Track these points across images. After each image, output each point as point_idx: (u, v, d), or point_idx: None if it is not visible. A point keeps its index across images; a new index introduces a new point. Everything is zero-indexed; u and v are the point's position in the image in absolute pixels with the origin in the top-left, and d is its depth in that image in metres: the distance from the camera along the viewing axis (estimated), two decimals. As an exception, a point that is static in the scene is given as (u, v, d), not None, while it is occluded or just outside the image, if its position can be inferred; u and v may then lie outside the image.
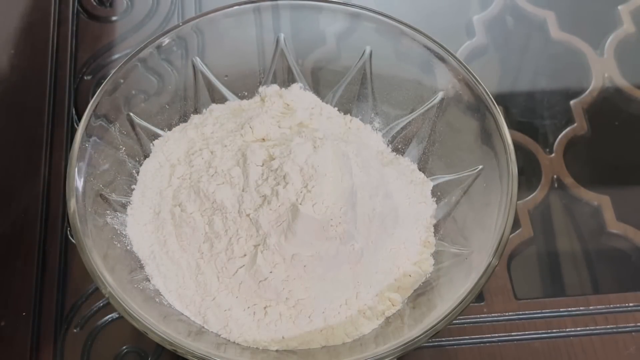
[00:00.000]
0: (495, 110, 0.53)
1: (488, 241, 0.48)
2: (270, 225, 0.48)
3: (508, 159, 0.51)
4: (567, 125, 0.67)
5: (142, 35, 0.70)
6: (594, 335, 0.56)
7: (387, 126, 0.60)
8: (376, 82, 0.60)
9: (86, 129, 0.51)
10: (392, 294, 0.52)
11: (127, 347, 0.55)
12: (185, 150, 0.56)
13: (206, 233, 0.51)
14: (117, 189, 0.54)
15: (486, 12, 0.74)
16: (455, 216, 0.55)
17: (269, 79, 0.61)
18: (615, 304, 0.57)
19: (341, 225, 0.49)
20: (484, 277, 0.46)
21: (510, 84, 0.71)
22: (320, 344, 0.50)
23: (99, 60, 0.69)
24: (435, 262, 0.53)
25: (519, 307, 0.57)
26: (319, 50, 0.64)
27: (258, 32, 0.61)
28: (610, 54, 0.71)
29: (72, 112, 0.66)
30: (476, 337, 0.56)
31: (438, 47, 0.56)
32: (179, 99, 0.59)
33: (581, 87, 0.69)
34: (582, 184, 0.63)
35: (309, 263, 0.49)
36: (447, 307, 0.46)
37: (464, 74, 0.55)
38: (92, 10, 0.72)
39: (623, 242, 0.61)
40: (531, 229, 0.61)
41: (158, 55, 0.56)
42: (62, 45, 0.70)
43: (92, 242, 0.47)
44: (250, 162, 0.51)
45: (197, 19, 0.57)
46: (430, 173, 0.58)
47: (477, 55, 0.71)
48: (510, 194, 0.49)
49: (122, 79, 0.54)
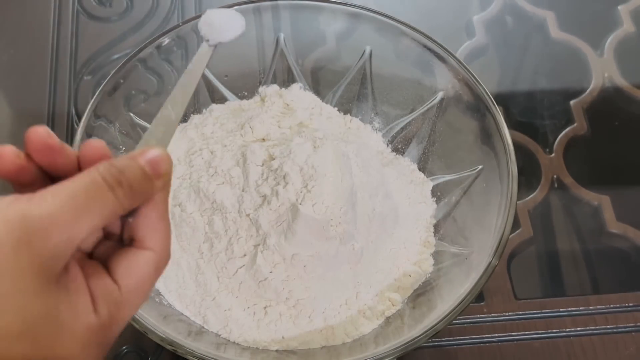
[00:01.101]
0: (495, 110, 0.53)
1: (488, 241, 0.49)
2: (270, 225, 0.48)
3: (508, 159, 0.51)
4: (567, 125, 0.67)
5: (142, 35, 0.70)
6: (594, 335, 0.56)
7: (387, 126, 0.60)
8: (376, 82, 0.60)
9: (86, 129, 0.51)
10: (392, 294, 0.52)
11: (127, 347, 0.54)
12: (185, 150, 0.56)
13: (206, 233, 0.51)
14: (117, 189, 0.54)
15: (486, 12, 0.74)
16: (455, 216, 0.55)
17: (269, 79, 0.61)
18: (615, 304, 0.57)
19: (341, 225, 0.49)
20: (484, 277, 0.46)
21: (510, 84, 0.71)
22: (320, 344, 0.50)
23: (99, 60, 0.69)
24: (435, 262, 0.53)
25: (518, 307, 0.57)
26: (319, 50, 0.64)
27: (258, 32, 0.61)
28: (610, 53, 0.71)
29: (72, 112, 0.66)
30: (476, 337, 0.56)
31: (438, 47, 0.56)
32: (179, 99, 0.59)
33: (581, 87, 0.69)
34: (582, 184, 0.63)
35: (309, 263, 0.49)
36: (447, 307, 0.46)
37: (464, 74, 0.55)
38: (92, 10, 0.72)
39: (623, 242, 0.61)
40: (531, 229, 0.60)
41: (158, 55, 0.56)
42: (62, 45, 0.70)
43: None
44: (250, 162, 0.51)
45: (197, 19, 0.57)
46: (430, 173, 0.58)
47: (477, 55, 0.71)
48: (510, 194, 0.49)
49: (122, 79, 0.54)
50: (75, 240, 0.29)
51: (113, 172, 0.30)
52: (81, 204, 0.29)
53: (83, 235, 0.29)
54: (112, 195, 0.30)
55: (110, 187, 0.30)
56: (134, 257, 0.32)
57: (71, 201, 0.29)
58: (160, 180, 0.32)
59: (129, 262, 0.32)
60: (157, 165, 0.32)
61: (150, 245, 0.32)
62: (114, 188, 0.30)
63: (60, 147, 0.32)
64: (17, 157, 0.32)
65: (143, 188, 0.31)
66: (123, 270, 0.31)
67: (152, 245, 0.32)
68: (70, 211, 0.29)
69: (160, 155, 0.32)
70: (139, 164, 0.31)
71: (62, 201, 0.29)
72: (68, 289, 0.29)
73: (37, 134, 0.32)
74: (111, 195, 0.30)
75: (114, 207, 0.30)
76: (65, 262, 0.29)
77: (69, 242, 0.29)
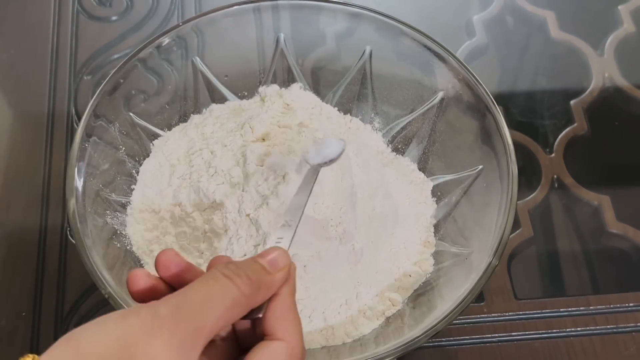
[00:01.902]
0: (495, 110, 0.53)
1: (488, 241, 0.48)
2: (270, 225, 0.48)
3: (508, 159, 0.51)
4: (567, 125, 0.67)
5: (142, 35, 0.70)
6: (594, 335, 0.56)
7: (387, 126, 0.60)
8: (376, 82, 0.60)
9: (86, 129, 0.51)
10: (392, 294, 0.52)
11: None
12: (185, 150, 0.56)
13: (206, 233, 0.51)
14: (117, 189, 0.54)
15: (486, 12, 0.74)
16: (456, 216, 0.55)
17: (269, 79, 0.61)
18: (616, 304, 0.57)
19: (341, 225, 0.48)
20: (484, 277, 0.46)
21: (510, 84, 0.71)
22: (320, 344, 0.50)
23: (99, 60, 0.69)
24: (435, 262, 0.53)
25: (519, 307, 0.57)
26: (319, 50, 0.64)
27: (258, 32, 0.61)
28: (611, 53, 0.71)
29: (72, 112, 0.66)
30: (476, 337, 0.56)
31: (438, 47, 0.56)
32: (178, 99, 0.59)
33: (581, 87, 0.69)
34: (582, 184, 0.63)
35: (309, 263, 0.49)
36: (447, 307, 0.46)
37: (464, 74, 0.55)
38: (92, 10, 0.72)
39: (623, 242, 0.61)
40: (531, 229, 0.60)
41: (158, 55, 0.56)
42: (62, 45, 0.70)
43: (91, 242, 0.47)
44: (250, 162, 0.50)
45: (197, 19, 0.57)
46: (430, 173, 0.58)
47: (477, 55, 0.71)
48: (510, 194, 0.49)
49: (122, 79, 0.54)
50: (203, 330, 0.30)
51: (231, 267, 0.33)
52: (203, 294, 0.31)
53: (210, 325, 0.31)
54: (231, 283, 0.32)
55: (229, 277, 0.32)
56: (266, 348, 0.33)
57: (194, 295, 0.31)
58: (279, 273, 0.34)
59: (260, 354, 0.33)
60: (274, 261, 0.35)
61: (280, 336, 0.34)
62: (232, 278, 0.32)
63: (187, 266, 0.35)
64: (147, 277, 0.35)
65: (262, 279, 0.34)
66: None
67: (281, 335, 0.34)
68: (194, 303, 0.31)
69: (278, 252, 0.35)
70: (256, 261, 0.35)
71: (186, 296, 0.31)
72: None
73: (167, 256, 0.35)
74: (230, 284, 0.32)
75: (235, 295, 0.32)
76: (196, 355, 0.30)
77: (197, 331, 0.30)
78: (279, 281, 0.34)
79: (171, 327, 0.30)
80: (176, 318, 0.30)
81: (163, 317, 0.30)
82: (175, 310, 0.30)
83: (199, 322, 0.30)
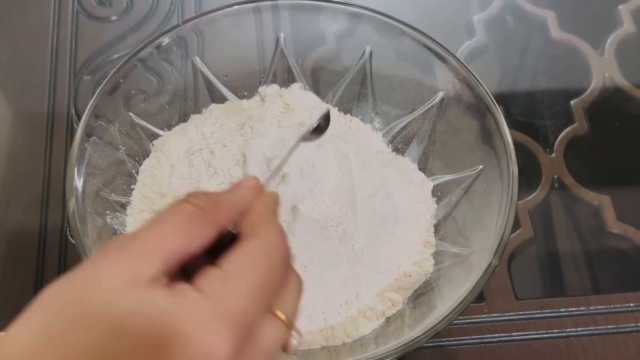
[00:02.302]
0: (495, 110, 0.53)
1: (488, 241, 0.48)
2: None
3: (508, 159, 0.51)
4: (568, 125, 0.67)
5: (142, 35, 0.70)
6: (594, 335, 0.56)
7: (387, 126, 0.60)
8: (376, 82, 0.60)
9: (86, 129, 0.51)
10: (392, 294, 0.51)
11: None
12: (185, 150, 0.56)
13: (206, 233, 0.50)
14: (117, 189, 0.54)
15: (486, 12, 0.74)
16: (456, 216, 0.55)
17: (269, 79, 0.61)
18: (616, 304, 0.57)
19: (341, 225, 0.48)
20: (484, 277, 0.46)
21: (511, 84, 0.71)
22: (320, 344, 0.50)
23: (99, 60, 0.69)
24: (435, 262, 0.53)
25: (519, 307, 0.57)
26: (319, 50, 0.64)
27: (258, 32, 0.61)
28: (611, 53, 0.71)
29: (72, 112, 0.66)
30: (476, 337, 0.55)
31: (438, 47, 0.56)
32: (178, 99, 0.59)
33: (581, 87, 0.69)
34: (582, 184, 0.63)
35: (309, 263, 0.49)
36: (448, 307, 0.46)
37: (464, 73, 0.55)
38: (92, 10, 0.72)
39: (623, 242, 0.61)
40: (531, 229, 0.60)
41: (158, 55, 0.56)
42: (62, 45, 0.70)
43: (91, 242, 0.47)
44: (250, 162, 0.50)
45: (197, 19, 0.57)
46: (430, 173, 0.58)
47: (477, 55, 0.71)
48: (510, 194, 0.49)
49: (122, 79, 0.54)
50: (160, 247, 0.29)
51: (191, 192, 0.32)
52: (156, 217, 0.31)
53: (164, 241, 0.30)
54: (184, 202, 0.31)
55: (184, 199, 0.32)
56: (232, 253, 0.31)
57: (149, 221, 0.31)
58: (243, 189, 0.34)
59: (226, 258, 0.31)
60: (237, 182, 0.34)
61: (252, 237, 0.32)
62: (187, 197, 0.32)
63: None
64: None
65: (220, 195, 0.33)
66: (223, 257, 0.31)
67: (254, 236, 0.32)
68: (146, 225, 0.30)
69: (245, 177, 0.35)
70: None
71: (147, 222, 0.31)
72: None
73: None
74: (184, 202, 0.31)
75: (190, 209, 0.31)
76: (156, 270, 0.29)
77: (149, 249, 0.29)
78: (244, 195, 0.33)
79: (119, 248, 0.29)
80: (123, 241, 0.29)
81: (108, 247, 0.29)
82: (123, 237, 0.30)
83: (151, 240, 0.29)
